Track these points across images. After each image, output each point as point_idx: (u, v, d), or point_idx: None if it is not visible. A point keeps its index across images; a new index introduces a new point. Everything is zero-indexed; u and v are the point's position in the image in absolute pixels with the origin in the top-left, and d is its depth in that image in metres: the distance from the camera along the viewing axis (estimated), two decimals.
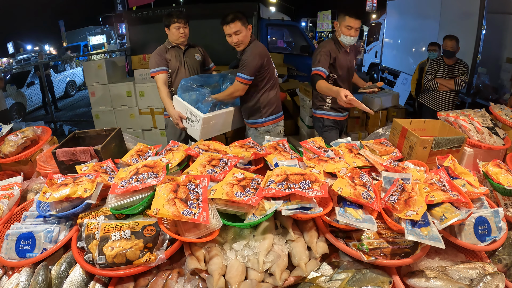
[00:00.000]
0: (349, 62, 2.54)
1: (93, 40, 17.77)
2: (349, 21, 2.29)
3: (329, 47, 2.40)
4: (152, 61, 2.51)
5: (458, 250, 1.28)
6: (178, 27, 2.47)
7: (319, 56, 2.37)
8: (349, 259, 1.19)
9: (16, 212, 1.50)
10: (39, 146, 2.02)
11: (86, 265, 1.12)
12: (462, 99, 4.73)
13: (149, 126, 4.55)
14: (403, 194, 1.28)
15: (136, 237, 1.11)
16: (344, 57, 2.47)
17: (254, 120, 2.45)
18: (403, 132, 1.79)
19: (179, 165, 1.65)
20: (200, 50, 2.71)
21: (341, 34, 2.36)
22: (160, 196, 1.20)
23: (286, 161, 1.59)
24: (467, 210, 1.19)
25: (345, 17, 2.31)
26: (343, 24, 2.33)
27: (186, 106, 2.24)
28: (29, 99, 7.90)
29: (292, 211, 1.18)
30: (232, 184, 1.30)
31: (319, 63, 2.36)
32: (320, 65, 2.34)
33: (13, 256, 1.25)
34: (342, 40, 2.38)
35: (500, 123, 2.10)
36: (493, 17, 4.33)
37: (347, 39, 2.36)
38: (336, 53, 2.41)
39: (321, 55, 2.36)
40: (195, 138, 2.28)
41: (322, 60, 2.35)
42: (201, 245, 1.18)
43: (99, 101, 4.53)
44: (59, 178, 1.41)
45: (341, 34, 2.36)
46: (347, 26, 2.31)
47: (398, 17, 7.77)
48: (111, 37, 17.92)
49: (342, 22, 2.33)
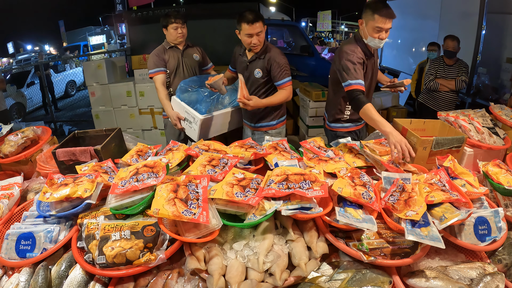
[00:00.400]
0: (375, 68, 2.13)
1: (93, 40, 17.79)
2: (379, 21, 1.82)
3: (359, 52, 1.95)
4: (150, 62, 2.52)
5: (458, 250, 1.28)
6: (176, 27, 2.47)
7: (353, 64, 1.89)
8: (349, 259, 1.19)
9: (16, 212, 1.50)
10: (39, 146, 2.02)
11: (86, 265, 1.12)
12: (462, 99, 4.73)
13: (149, 126, 4.55)
14: (403, 194, 1.28)
15: (136, 237, 1.11)
16: (371, 63, 2.07)
17: (265, 123, 2.36)
18: (403, 132, 1.79)
19: (179, 165, 1.65)
20: (198, 50, 2.71)
21: (368, 36, 1.90)
22: (160, 196, 1.20)
23: (286, 161, 1.59)
24: (467, 210, 1.19)
25: (374, 16, 1.83)
26: (370, 24, 1.86)
27: (184, 107, 2.24)
28: (29, 99, 7.89)
29: (292, 211, 1.18)
30: (232, 184, 1.30)
31: (356, 73, 1.87)
32: (359, 77, 1.87)
33: (13, 256, 1.25)
34: (369, 43, 1.94)
35: (500, 123, 2.10)
36: (493, 17, 4.33)
37: (375, 42, 1.90)
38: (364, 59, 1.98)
39: (355, 63, 1.89)
40: (193, 139, 2.29)
41: (359, 69, 1.89)
42: (201, 245, 1.18)
43: (99, 101, 4.53)
44: (59, 178, 1.41)
45: (368, 36, 1.90)
46: (376, 27, 1.84)
47: (398, 17, 7.69)
48: (111, 37, 17.93)
49: (370, 22, 1.86)
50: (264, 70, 2.19)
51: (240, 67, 2.31)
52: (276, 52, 2.18)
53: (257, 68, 2.20)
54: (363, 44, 1.98)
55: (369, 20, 1.86)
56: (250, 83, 2.27)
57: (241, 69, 2.30)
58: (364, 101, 1.77)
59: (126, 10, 6.21)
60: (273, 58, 2.14)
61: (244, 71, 2.28)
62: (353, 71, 1.86)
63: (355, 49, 1.94)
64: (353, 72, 1.86)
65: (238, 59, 2.34)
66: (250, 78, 2.25)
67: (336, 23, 20.06)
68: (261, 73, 2.20)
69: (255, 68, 2.21)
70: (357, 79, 1.86)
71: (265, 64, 2.18)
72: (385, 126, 1.64)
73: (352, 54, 1.91)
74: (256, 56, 2.18)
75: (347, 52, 1.93)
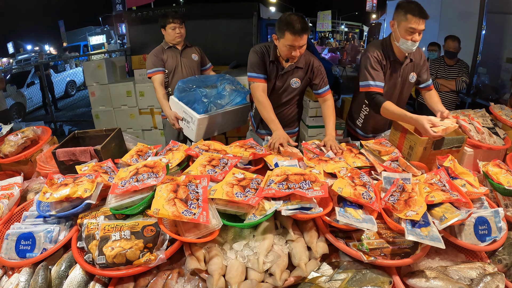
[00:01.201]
0: (399, 76, 1.97)
1: (93, 40, 17.79)
2: (412, 21, 1.71)
3: (377, 53, 1.88)
4: (148, 62, 2.52)
5: (458, 250, 1.28)
6: (174, 27, 2.48)
7: (371, 66, 1.84)
8: (349, 259, 1.19)
9: (16, 212, 1.49)
10: (39, 146, 2.02)
11: (86, 265, 1.12)
12: (462, 99, 4.73)
13: (149, 126, 4.55)
14: (403, 194, 1.28)
15: (136, 237, 1.11)
16: (395, 68, 1.94)
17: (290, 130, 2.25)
18: (403, 132, 1.79)
19: (179, 165, 1.65)
20: (197, 50, 2.71)
21: (400, 38, 1.79)
22: (160, 196, 1.20)
23: (286, 161, 1.60)
24: (467, 210, 1.19)
25: (406, 16, 1.72)
26: (403, 25, 1.75)
27: (182, 107, 2.24)
28: (29, 99, 7.89)
29: (292, 211, 1.18)
30: (232, 184, 1.30)
31: (375, 73, 1.83)
32: (377, 79, 1.83)
33: (13, 256, 1.25)
34: (401, 46, 1.81)
35: (500, 123, 2.10)
36: (493, 17, 4.33)
37: (407, 45, 1.78)
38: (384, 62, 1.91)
39: (374, 64, 1.85)
40: (191, 138, 2.29)
41: (377, 71, 1.84)
42: (201, 245, 1.18)
43: (99, 101, 4.53)
44: (59, 178, 1.41)
45: (400, 37, 1.79)
46: (409, 28, 1.73)
47: None
48: (111, 37, 17.93)
49: (402, 23, 1.75)
50: (303, 80, 2.04)
51: (272, 76, 2.03)
52: (315, 58, 2.05)
53: (294, 77, 2.02)
54: (389, 48, 1.89)
55: (401, 21, 1.75)
56: (281, 93, 2.08)
57: (272, 77, 2.03)
58: (382, 100, 1.75)
59: (126, 10, 6.21)
60: (318, 65, 2.02)
61: (274, 80, 2.03)
62: (371, 72, 1.83)
63: (376, 50, 1.88)
64: (370, 72, 1.83)
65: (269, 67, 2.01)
66: (283, 88, 2.06)
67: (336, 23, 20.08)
68: (299, 82, 2.03)
69: (292, 77, 2.01)
70: (376, 81, 1.82)
71: (305, 74, 2.02)
72: (411, 115, 1.64)
73: (371, 56, 1.86)
74: (295, 65, 1.98)
75: (367, 53, 1.89)
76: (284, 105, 2.13)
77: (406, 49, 1.82)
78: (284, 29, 1.75)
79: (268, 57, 1.97)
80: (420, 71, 1.99)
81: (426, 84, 2.01)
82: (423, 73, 2.00)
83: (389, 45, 1.89)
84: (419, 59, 1.97)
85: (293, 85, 2.03)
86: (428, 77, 2.01)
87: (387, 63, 1.91)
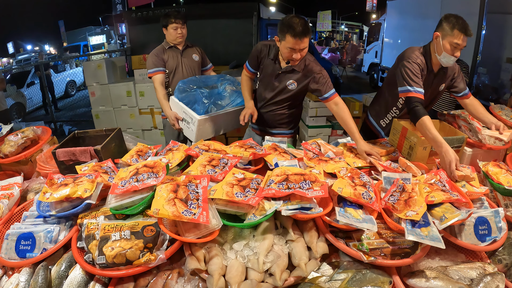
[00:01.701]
0: (430, 86, 1.93)
1: (93, 40, 17.79)
2: (459, 37, 1.68)
3: (421, 60, 1.82)
4: (149, 61, 2.52)
5: (458, 250, 1.28)
6: (176, 27, 2.47)
7: (414, 71, 1.77)
8: (349, 259, 1.19)
9: (16, 212, 1.49)
10: (39, 146, 2.01)
11: (86, 265, 1.12)
12: None
13: (149, 126, 4.55)
14: (403, 194, 1.28)
15: (136, 237, 1.11)
16: (428, 78, 1.90)
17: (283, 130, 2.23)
18: (403, 132, 1.79)
19: (179, 165, 1.65)
20: (198, 50, 2.71)
21: (442, 52, 1.74)
22: (160, 196, 1.20)
23: (286, 161, 1.60)
24: (467, 210, 1.19)
25: (453, 32, 1.68)
26: (448, 39, 1.71)
27: (182, 107, 2.24)
28: (29, 99, 7.90)
29: (292, 211, 1.18)
30: (232, 184, 1.30)
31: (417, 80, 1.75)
32: (419, 85, 1.74)
33: (13, 256, 1.25)
34: (442, 59, 1.77)
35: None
36: (493, 17, 4.33)
37: (448, 59, 1.75)
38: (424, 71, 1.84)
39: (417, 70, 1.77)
40: (191, 139, 2.28)
41: (419, 78, 1.77)
42: (201, 245, 1.18)
43: (99, 101, 4.53)
44: (59, 178, 1.41)
45: (442, 51, 1.74)
46: (454, 43, 1.69)
47: (398, 17, 7.78)
48: (111, 37, 17.92)
49: (447, 37, 1.70)
50: (300, 83, 2.00)
51: (267, 72, 2.06)
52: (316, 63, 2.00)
53: (291, 79, 2.00)
54: (428, 57, 1.85)
55: (447, 34, 1.71)
56: (277, 92, 2.07)
57: (268, 75, 2.05)
58: (422, 113, 1.66)
59: (126, 10, 6.21)
60: (316, 73, 1.95)
61: (271, 78, 2.04)
62: (415, 78, 1.76)
63: (419, 57, 1.82)
64: (414, 79, 1.75)
65: (266, 62, 2.05)
66: (279, 88, 2.05)
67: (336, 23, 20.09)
68: (295, 85, 2.01)
69: (289, 79, 2.00)
70: (417, 87, 1.74)
71: (302, 77, 1.99)
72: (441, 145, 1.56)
73: (415, 62, 1.80)
74: (293, 68, 1.96)
75: (410, 58, 1.81)
76: (277, 104, 2.12)
77: (445, 63, 1.79)
78: (285, 31, 1.75)
79: (267, 55, 2.01)
80: (455, 82, 1.96)
81: (464, 93, 1.98)
82: (458, 82, 1.96)
83: (428, 54, 1.84)
84: (451, 71, 1.93)
85: (289, 87, 2.02)
86: (465, 86, 1.97)
87: (425, 72, 1.86)
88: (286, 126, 2.24)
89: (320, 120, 3.89)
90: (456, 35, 1.69)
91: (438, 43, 1.77)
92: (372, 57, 9.74)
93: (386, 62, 8.52)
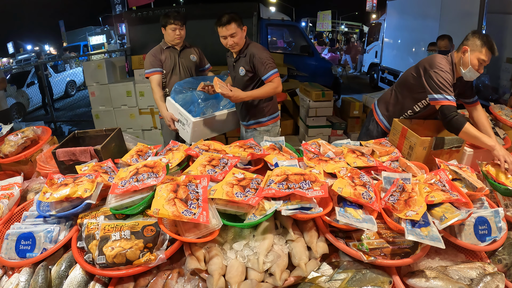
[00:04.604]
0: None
1: (93, 40, 17.77)
2: (487, 55, 1.72)
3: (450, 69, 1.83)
4: (146, 62, 2.52)
5: (458, 250, 1.28)
6: (174, 28, 2.47)
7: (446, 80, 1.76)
8: (349, 259, 1.19)
9: (16, 212, 1.50)
10: (39, 146, 2.02)
11: (86, 265, 1.12)
12: None
13: (149, 126, 4.55)
14: (403, 194, 1.28)
15: (136, 237, 1.11)
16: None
17: (255, 120, 2.35)
18: (403, 132, 1.79)
19: (179, 165, 1.65)
20: (196, 51, 2.71)
21: (469, 66, 1.76)
22: (160, 196, 1.20)
23: (286, 161, 1.59)
24: (467, 210, 1.19)
25: (483, 49, 1.71)
26: (476, 55, 1.73)
27: (178, 109, 2.24)
28: (29, 99, 7.89)
29: (292, 211, 1.18)
30: (232, 184, 1.30)
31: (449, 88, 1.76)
32: (451, 93, 1.75)
33: (13, 256, 1.25)
34: (466, 73, 1.79)
35: (500, 123, 2.10)
36: (493, 17, 4.33)
37: (473, 74, 1.78)
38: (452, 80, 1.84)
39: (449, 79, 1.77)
40: (186, 140, 2.28)
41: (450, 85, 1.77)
42: (201, 245, 1.18)
43: (99, 101, 4.53)
44: (59, 178, 1.41)
45: (469, 66, 1.76)
46: (481, 59, 1.72)
47: (398, 17, 7.78)
48: (111, 37, 17.91)
49: (475, 53, 1.73)
50: (247, 67, 2.17)
51: (230, 69, 2.34)
52: (256, 47, 2.16)
53: (240, 66, 2.20)
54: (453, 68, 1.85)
55: (475, 50, 1.73)
56: (236, 82, 2.27)
57: (231, 70, 2.32)
58: (463, 122, 1.67)
59: (126, 10, 6.21)
60: (254, 54, 2.12)
61: (232, 72, 2.30)
62: (449, 86, 1.76)
63: (449, 66, 1.83)
64: (449, 87, 1.75)
65: (228, 61, 2.35)
66: (236, 78, 2.26)
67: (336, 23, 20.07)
68: (244, 70, 2.18)
69: (239, 67, 2.21)
70: (452, 95, 1.75)
71: (247, 62, 2.16)
72: (490, 141, 1.62)
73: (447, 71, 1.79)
74: (239, 55, 2.19)
75: (443, 66, 1.80)
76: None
77: (469, 77, 1.82)
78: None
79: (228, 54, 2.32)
80: (465, 91, 1.98)
81: (473, 100, 1.99)
82: (467, 89, 1.97)
83: (453, 65, 1.85)
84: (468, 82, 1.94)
85: (240, 73, 2.21)
86: (473, 93, 1.98)
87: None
88: (260, 115, 2.34)
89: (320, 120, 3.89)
90: (485, 53, 1.72)
91: (466, 58, 1.77)
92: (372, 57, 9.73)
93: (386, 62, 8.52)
